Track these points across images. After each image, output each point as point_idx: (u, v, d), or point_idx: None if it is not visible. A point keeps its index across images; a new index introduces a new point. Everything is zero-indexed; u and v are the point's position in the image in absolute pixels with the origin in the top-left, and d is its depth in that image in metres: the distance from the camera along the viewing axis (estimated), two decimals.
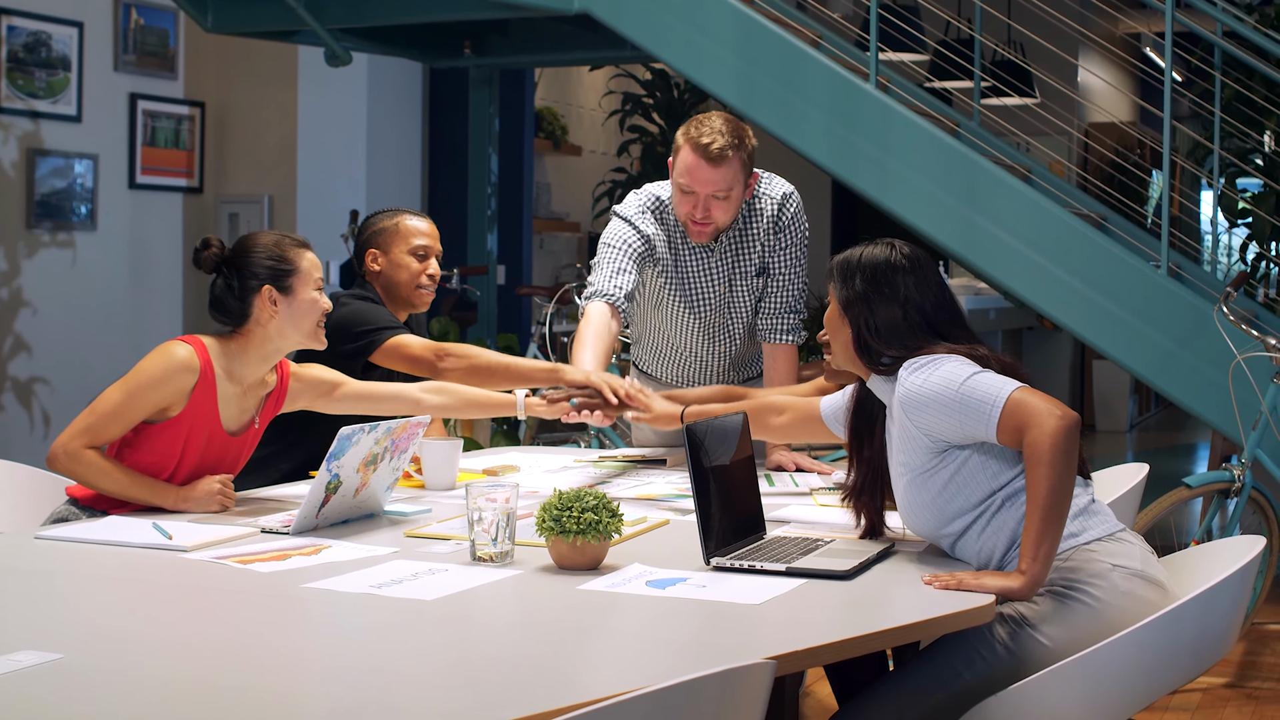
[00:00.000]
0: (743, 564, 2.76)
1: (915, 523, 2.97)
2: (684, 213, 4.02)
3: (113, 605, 2.62)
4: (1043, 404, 2.75)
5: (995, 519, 2.84)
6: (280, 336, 3.48)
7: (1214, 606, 2.66)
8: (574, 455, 4.43)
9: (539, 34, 7.86)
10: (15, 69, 7.32)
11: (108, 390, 3.35)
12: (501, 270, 9.15)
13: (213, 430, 3.42)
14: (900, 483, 2.96)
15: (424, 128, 9.22)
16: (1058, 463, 2.70)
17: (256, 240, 3.51)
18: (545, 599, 2.62)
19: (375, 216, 4.24)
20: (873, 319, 2.99)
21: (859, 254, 3.06)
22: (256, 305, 3.44)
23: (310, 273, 3.50)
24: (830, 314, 3.07)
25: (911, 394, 2.87)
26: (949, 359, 2.89)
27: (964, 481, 2.86)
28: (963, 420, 2.81)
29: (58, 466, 3.33)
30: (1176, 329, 5.36)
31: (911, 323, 2.98)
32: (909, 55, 8.79)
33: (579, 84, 11.11)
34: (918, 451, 2.90)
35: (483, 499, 2.81)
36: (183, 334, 3.49)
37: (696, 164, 3.92)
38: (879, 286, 3.00)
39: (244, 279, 3.46)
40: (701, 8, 5.94)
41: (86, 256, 7.80)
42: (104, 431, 3.32)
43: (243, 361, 3.46)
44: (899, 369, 2.94)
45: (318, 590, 2.61)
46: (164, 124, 8.22)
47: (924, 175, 5.65)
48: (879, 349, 2.98)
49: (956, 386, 2.82)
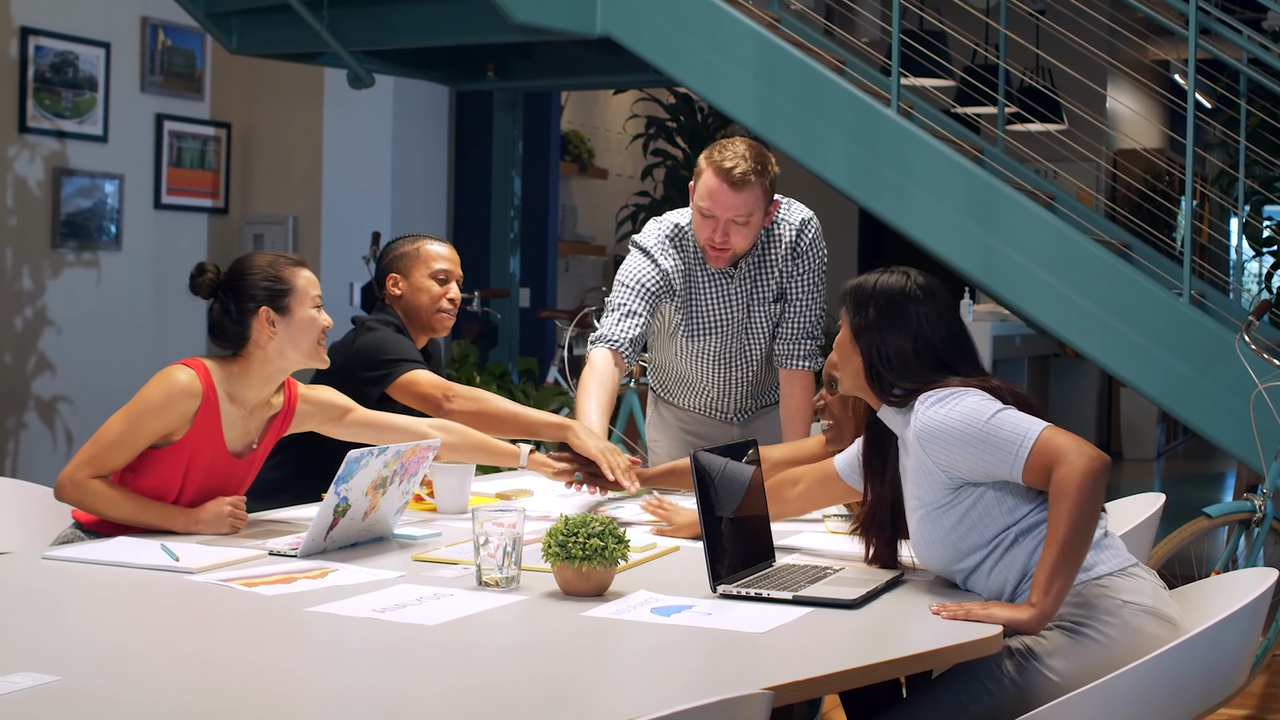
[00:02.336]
0: (749, 592, 2.74)
1: (928, 557, 2.94)
2: (704, 237, 3.99)
3: (115, 627, 2.61)
4: (1073, 443, 2.72)
5: (1008, 554, 2.81)
6: (281, 357, 3.46)
7: (1223, 640, 2.62)
8: None
9: (563, 57, 7.87)
10: (42, 89, 7.36)
11: (110, 419, 3.34)
12: (526, 293, 9.15)
13: (216, 453, 3.42)
14: (914, 516, 2.93)
15: (449, 150, 9.24)
16: (1084, 502, 2.67)
17: (251, 262, 3.50)
18: (548, 625, 2.60)
19: (396, 242, 4.25)
20: (884, 348, 2.96)
21: (873, 281, 3.03)
22: (254, 327, 3.43)
23: (307, 291, 3.48)
24: (841, 339, 3.04)
25: (931, 428, 2.84)
26: (969, 393, 2.85)
27: (978, 518, 2.83)
28: (985, 457, 2.78)
29: (65, 497, 3.32)
30: (1198, 357, 5.32)
31: (921, 355, 2.94)
32: (934, 81, 8.78)
33: (605, 107, 11.13)
34: (932, 486, 2.87)
35: (489, 524, 2.80)
36: (206, 355, 3.48)
37: (718, 188, 3.91)
38: (891, 316, 2.97)
39: (240, 302, 3.44)
40: (722, 31, 5.94)
41: (111, 276, 7.82)
42: (108, 460, 3.31)
43: (245, 384, 3.46)
44: (913, 401, 2.91)
45: (321, 614, 2.60)
46: (190, 145, 8.24)
47: (944, 201, 5.63)
48: (890, 379, 2.95)
49: (981, 423, 2.79)
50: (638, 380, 6.78)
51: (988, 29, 9.04)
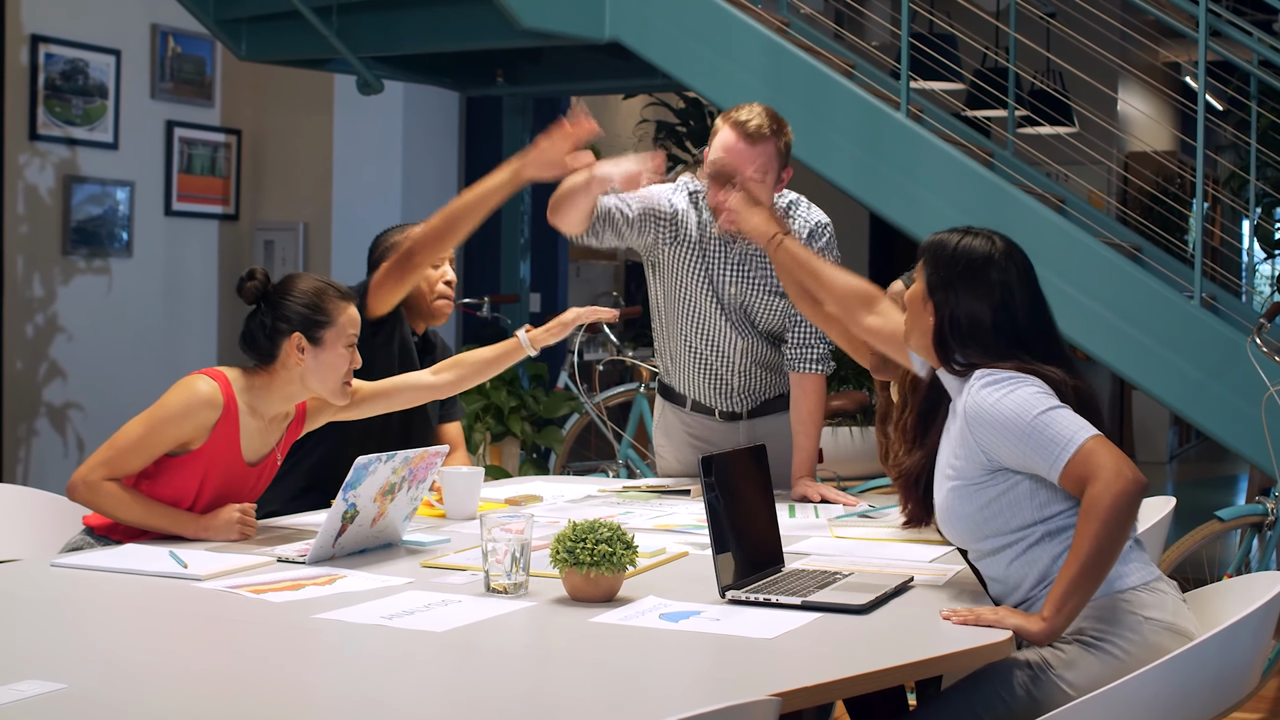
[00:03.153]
0: (758, 597, 2.73)
1: (949, 528, 2.92)
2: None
3: (122, 634, 2.61)
4: (1113, 460, 2.66)
5: (1030, 551, 2.79)
6: (303, 384, 3.44)
7: (1234, 644, 2.61)
8: (598, 485, 4.41)
9: (572, 62, 7.86)
10: (52, 96, 7.37)
11: (129, 423, 3.34)
12: (536, 298, 9.14)
13: (233, 463, 3.41)
14: (944, 485, 2.89)
15: (460, 155, 9.23)
16: (1112, 524, 2.63)
17: (298, 283, 3.46)
18: (556, 631, 2.60)
19: (384, 235, 4.24)
20: (957, 311, 2.88)
21: (956, 240, 2.93)
22: (284, 348, 3.40)
23: (345, 328, 3.44)
24: (913, 295, 2.96)
25: (980, 410, 2.79)
26: (1026, 382, 2.79)
27: (1008, 504, 2.80)
28: (1027, 452, 2.74)
29: (77, 497, 3.32)
30: (1209, 360, 5.30)
31: (998, 327, 2.86)
32: (944, 84, 8.76)
33: (615, 112, 11.11)
34: (971, 463, 2.83)
35: (497, 530, 2.79)
36: (216, 363, 3.48)
37: (734, 143, 3.92)
38: (970, 279, 2.89)
39: (276, 319, 3.41)
40: (730, 36, 5.93)
41: (122, 283, 7.83)
42: (124, 464, 3.31)
43: (267, 398, 3.44)
44: (971, 374, 2.86)
45: (329, 621, 2.60)
46: (200, 151, 8.25)
47: (953, 204, 5.62)
48: (956, 347, 2.88)
49: (1031, 417, 2.74)
50: (647, 385, 6.77)
51: (998, 32, 9.03)
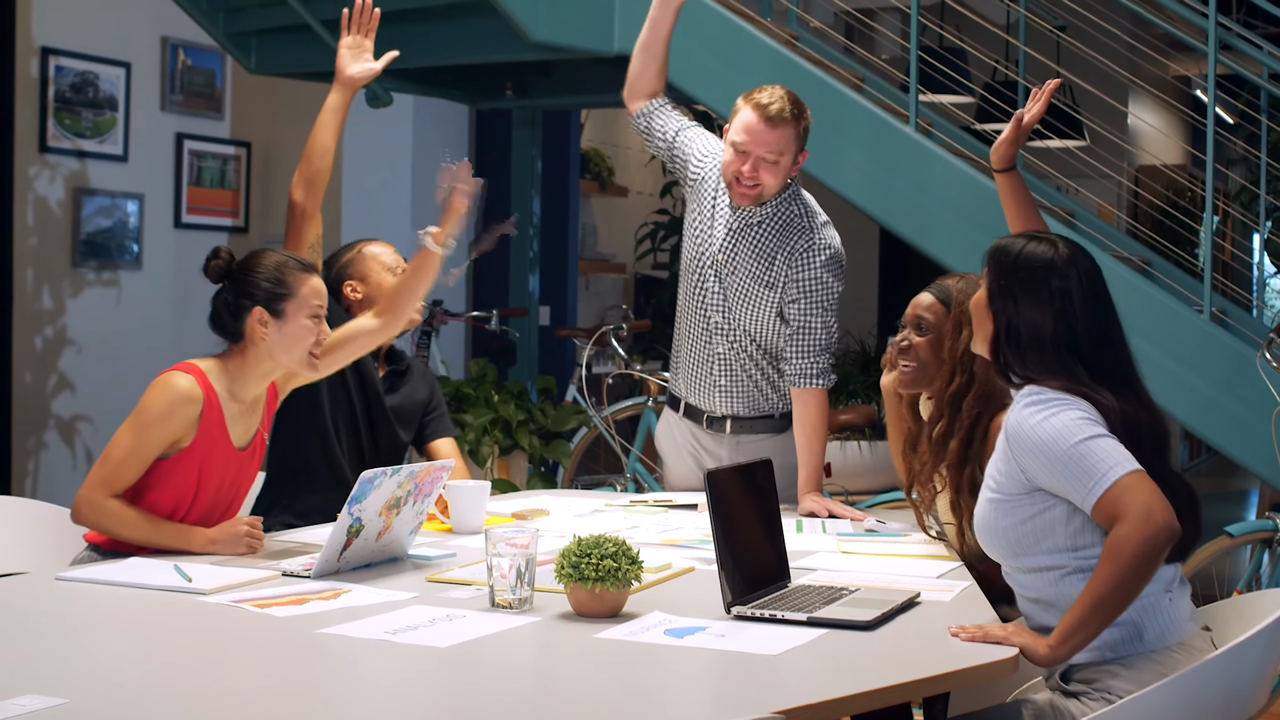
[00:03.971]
0: (763, 613, 2.72)
1: (984, 539, 2.88)
2: (732, 170, 4.10)
3: (125, 649, 2.61)
4: (1144, 501, 2.60)
5: (1059, 586, 2.74)
6: (272, 359, 3.48)
7: (1243, 661, 2.59)
8: (605, 499, 4.40)
9: (581, 75, 7.85)
10: (62, 109, 7.37)
11: (116, 435, 3.34)
12: (545, 311, 9.13)
13: (226, 452, 3.44)
14: (984, 494, 2.86)
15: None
16: (1130, 570, 2.59)
17: (260, 259, 3.53)
18: (560, 647, 2.59)
19: (335, 255, 4.32)
20: (1017, 319, 2.83)
21: (1020, 245, 2.88)
22: (248, 325, 3.45)
23: (308, 300, 3.50)
24: (977, 300, 2.93)
25: (1021, 429, 2.75)
26: (1072, 406, 2.73)
27: (1042, 526, 2.76)
28: (1063, 479, 2.69)
29: (82, 520, 3.32)
30: (1218, 375, 5.28)
31: (1059, 338, 2.80)
32: (954, 98, 8.75)
33: (625, 125, 11.10)
34: (1009, 479, 2.79)
35: (502, 544, 2.78)
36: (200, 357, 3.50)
37: (754, 124, 4.05)
38: (1030, 287, 2.83)
39: (238, 296, 3.47)
40: (740, 49, 5.93)
41: (131, 295, 7.83)
42: (122, 477, 3.31)
43: (242, 381, 3.48)
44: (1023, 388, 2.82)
45: (332, 636, 2.59)
46: (210, 164, 8.26)
47: (962, 217, 5.61)
48: (1014, 357, 2.84)
49: (1070, 444, 2.69)
50: (655, 399, 6.76)
51: (1008, 46, 9.02)
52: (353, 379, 4.12)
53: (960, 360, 3.40)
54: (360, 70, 4.13)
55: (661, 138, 4.44)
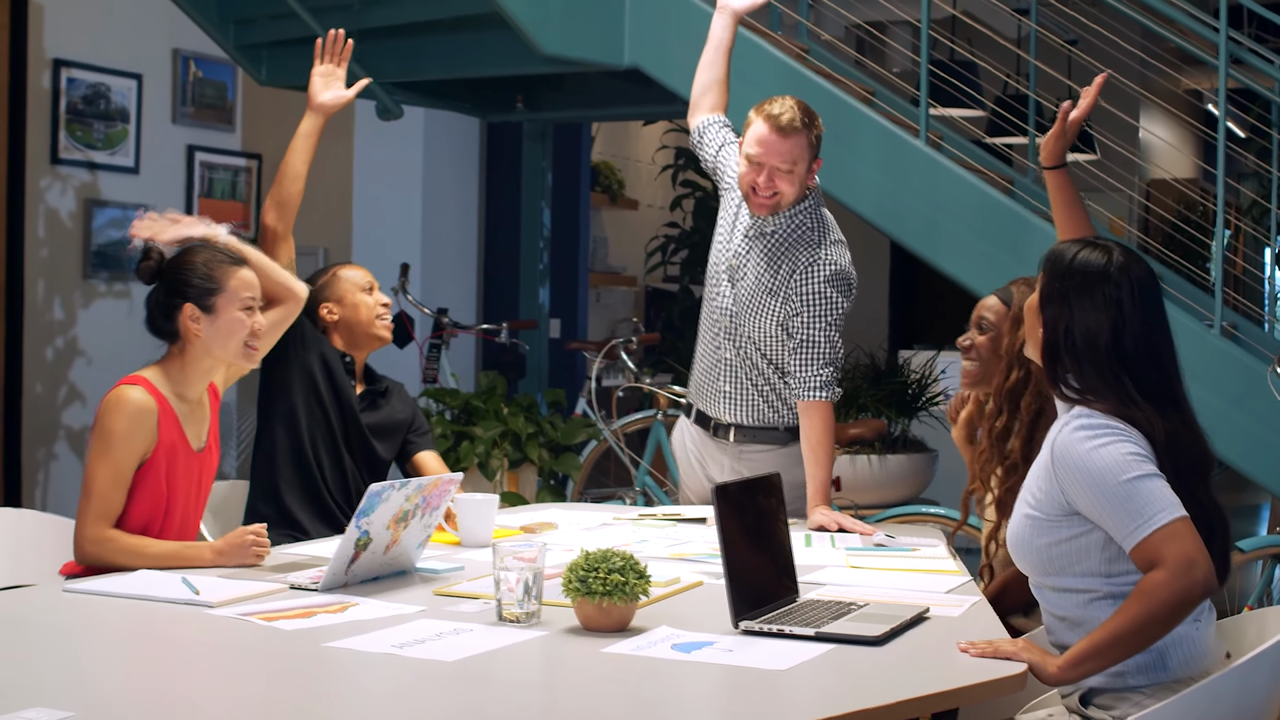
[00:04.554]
0: (771, 628, 2.71)
1: (1016, 554, 2.85)
2: (748, 181, 4.17)
3: (131, 662, 2.60)
4: (1185, 553, 2.57)
5: (1088, 610, 2.72)
6: (209, 355, 3.50)
7: (1253, 677, 2.58)
8: (614, 512, 4.39)
9: (592, 88, 7.86)
10: (74, 120, 7.39)
11: (90, 467, 3.34)
12: (556, 324, 9.14)
13: (185, 455, 3.47)
14: (1021, 508, 2.82)
15: (481, 181, 9.24)
16: (1160, 617, 2.57)
17: (190, 256, 3.55)
18: (567, 662, 2.58)
19: (312, 278, 4.37)
20: (1070, 325, 2.78)
21: (1074, 251, 2.83)
22: (181, 322, 3.46)
23: (238, 292, 3.52)
24: (1029, 304, 2.89)
25: (1069, 454, 2.70)
26: (1125, 438, 2.67)
27: (1078, 549, 2.72)
28: (1107, 514, 2.65)
29: (88, 558, 3.31)
30: (1229, 389, 5.26)
31: (1110, 348, 2.75)
32: (965, 111, 8.74)
33: (636, 138, 11.12)
34: (1049, 499, 2.75)
35: (510, 558, 2.78)
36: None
37: (767, 135, 4.12)
38: (1083, 294, 2.78)
39: (169, 295, 3.49)
40: (750, 63, 5.92)
41: (142, 307, 7.82)
42: (111, 505, 3.33)
43: (185, 381, 3.51)
44: (1073, 406, 2.77)
45: (339, 649, 2.58)
46: (221, 176, 8.27)
47: (973, 231, 5.60)
48: (1068, 364, 2.78)
49: (1119, 481, 2.64)
50: (665, 412, 6.75)
51: (1019, 59, 9.01)
52: (329, 396, 4.19)
53: (1018, 355, 3.42)
54: (332, 97, 4.19)
55: (710, 153, 4.55)
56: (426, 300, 8.04)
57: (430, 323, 7.58)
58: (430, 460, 4.34)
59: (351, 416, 4.20)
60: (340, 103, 4.21)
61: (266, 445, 4.16)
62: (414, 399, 4.50)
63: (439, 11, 6.49)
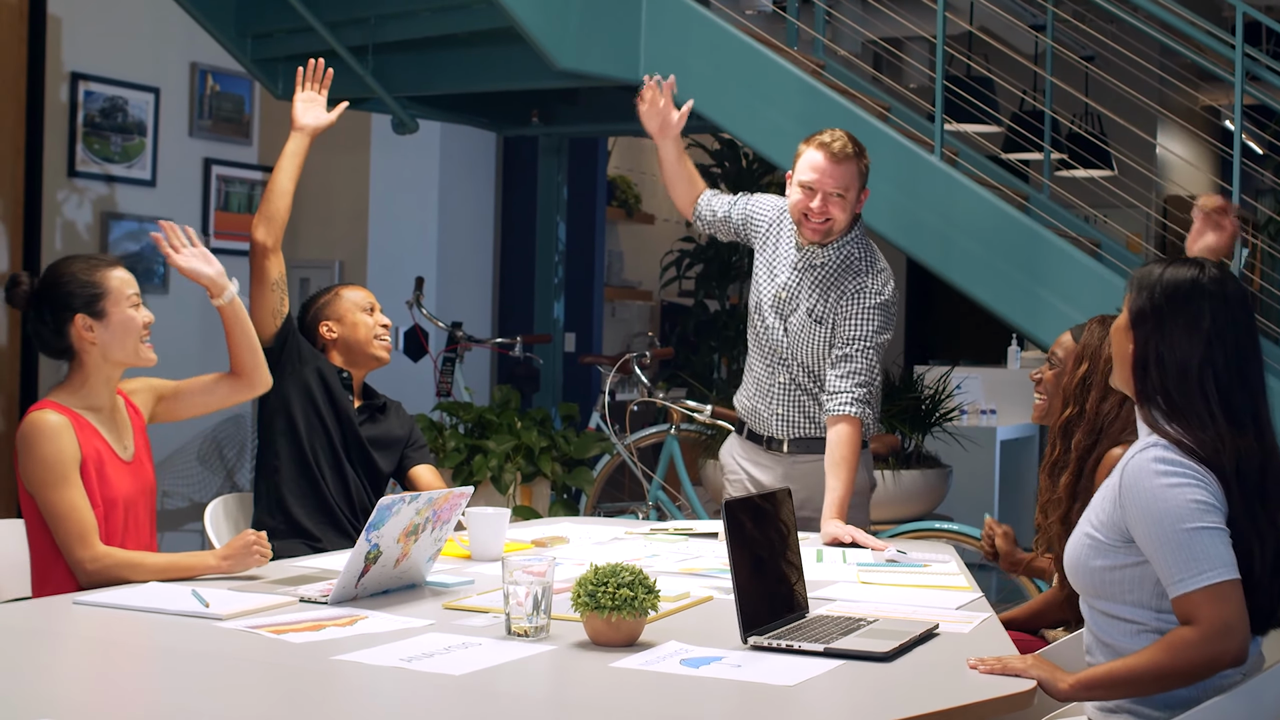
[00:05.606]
0: (780, 644, 2.70)
1: (1071, 571, 2.80)
2: (801, 208, 4.32)
3: (139, 675, 2.61)
4: (1225, 620, 2.52)
5: (1137, 639, 2.68)
6: (106, 360, 3.49)
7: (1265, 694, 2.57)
8: (626, 527, 4.39)
9: (607, 103, 7.87)
10: (91, 133, 7.42)
11: (52, 497, 3.34)
12: (571, 338, 9.14)
13: (113, 463, 3.48)
14: (1083, 527, 2.78)
15: (497, 195, 9.25)
16: (1181, 673, 2.54)
17: (62, 269, 3.52)
18: (575, 676, 2.58)
19: (313, 297, 4.46)
20: (1163, 343, 2.71)
21: (1165, 268, 2.76)
22: (74, 336, 3.46)
23: (121, 290, 3.51)
24: (1118, 324, 2.81)
25: (1139, 485, 2.63)
26: (1199, 483, 2.60)
27: (1132, 578, 2.68)
28: (1159, 555, 2.59)
29: (92, 581, 3.28)
30: None
31: (1202, 368, 2.67)
32: (981, 127, 8.74)
33: (651, 153, 11.10)
34: (1112, 523, 2.70)
35: (519, 572, 2.78)
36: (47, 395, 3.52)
37: (820, 161, 4.28)
38: (1176, 311, 2.70)
39: (56, 311, 3.47)
40: (766, 78, 5.93)
41: (158, 320, 7.69)
42: (88, 524, 3.34)
43: (90, 393, 3.50)
44: (1161, 429, 2.69)
45: (347, 663, 2.58)
46: (237, 189, 8.29)
47: (987, 247, 5.59)
48: (1157, 384, 2.70)
49: (1180, 528, 2.57)
50: (678, 427, 6.75)
51: (1035, 76, 9.01)
52: (327, 409, 4.24)
53: (1073, 393, 3.43)
54: (315, 120, 4.34)
55: (722, 220, 4.68)
56: (441, 314, 8.05)
57: (445, 336, 7.59)
58: (425, 473, 4.36)
59: (350, 429, 4.23)
60: (322, 125, 4.36)
61: (270, 459, 4.20)
62: (411, 416, 4.52)
63: (454, 26, 6.50)
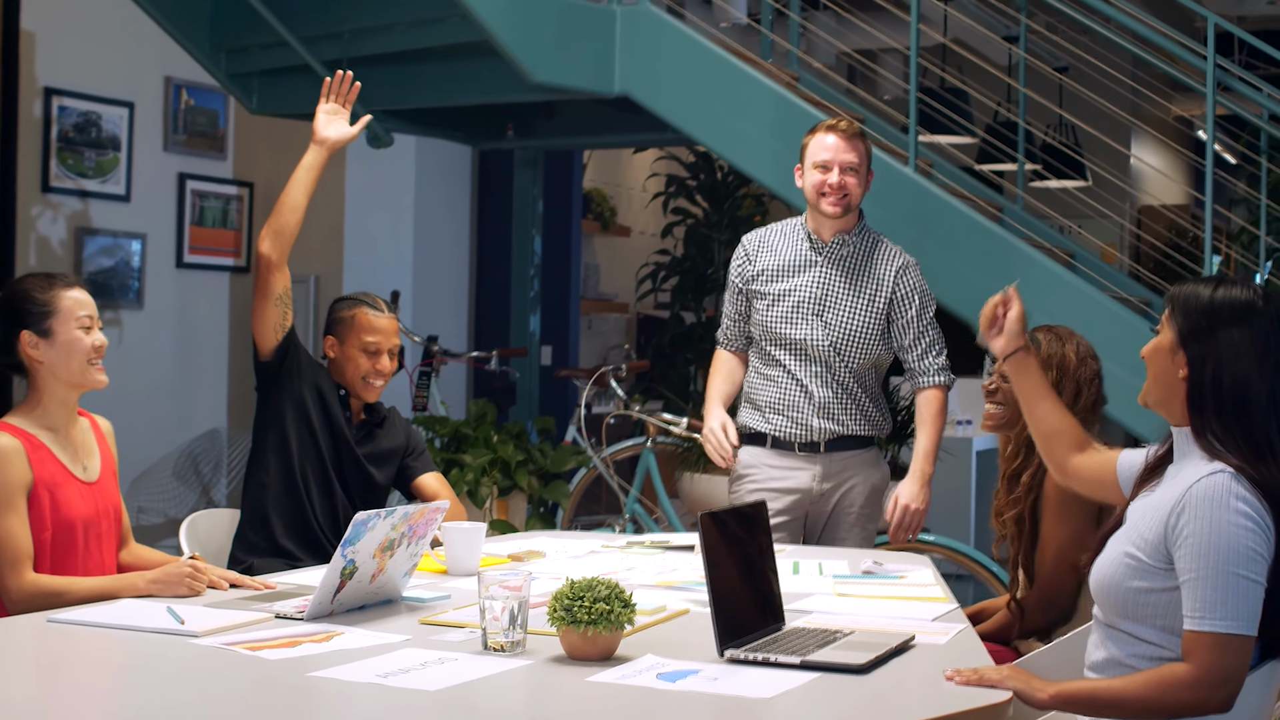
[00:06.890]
0: (756, 656, 2.71)
1: (1100, 589, 2.76)
2: (818, 186, 4.45)
3: (116, 692, 2.60)
4: (1224, 672, 2.50)
5: (1156, 665, 2.64)
6: (55, 379, 3.47)
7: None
8: (602, 540, 4.39)
9: (583, 116, 7.88)
10: (65, 149, 7.40)
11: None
12: (547, 351, 9.14)
13: (72, 485, 3.44)
14: (1121, 545, 2.72)
15: (473, 209, 9.25)
16: (1163, 707, 2.53)
17: (18, 285, 3.51)
18: (552, 691, 2.57)
19: (340, 303, 4.35)
20: (1219, 369, 2.61)
21: (1210, 290, 2.65)
22: (21, 352, 3.45)
23: (72, 311, 3.48)
24: (1158, 347, 2.72)
25: (1208, 512, 2.56)
26: (1259, 533, 2.54)
27: (1166, 603, 2.64)
28: (1190, 580, 2.56)
29: (20, 608, 3.24)
30: None
31: (1264, 392, 2.59)
32: (955, 138, 8.77)
33: (628, 166, 11.14)
34: (1154, 540, 2.64)
35: (495, 587, 2.77)
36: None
37: (834, 140, 4.46)
38: (1232, 330, 2.61)
39: (6, 327, 3.46)
40: (740, 91, 5.94)
41: (133, 335, 7.84)
42: (22, 549, 3.30)
43: (46, 412, 3.48)
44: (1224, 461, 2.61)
45: (323, 679, 2.57)
46: (212, 204, 8.27)
47: (961, 258, 5.61)
48: (1213, 410, 2.62)
49: (1227, 568, 2.53)
50: (655, 440, 6.75)
51: (1009, 88, 9.04)
52: (321, 426, 4.15)
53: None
54: (337, 134, 4.23)
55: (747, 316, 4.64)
56: (417, 328, 8.05)
57: (420, 350, 7.58)
58: (432, 482, 4.31)
59: (345, 447, 4.16)
60: (344, 139, 4.25)
61: (259, 473, 4.14)
62: (408, 421, 4.46)
63: (430, 40, 6.50)
